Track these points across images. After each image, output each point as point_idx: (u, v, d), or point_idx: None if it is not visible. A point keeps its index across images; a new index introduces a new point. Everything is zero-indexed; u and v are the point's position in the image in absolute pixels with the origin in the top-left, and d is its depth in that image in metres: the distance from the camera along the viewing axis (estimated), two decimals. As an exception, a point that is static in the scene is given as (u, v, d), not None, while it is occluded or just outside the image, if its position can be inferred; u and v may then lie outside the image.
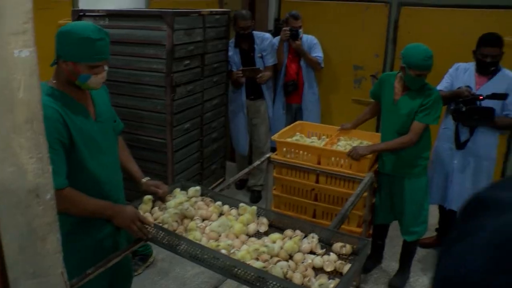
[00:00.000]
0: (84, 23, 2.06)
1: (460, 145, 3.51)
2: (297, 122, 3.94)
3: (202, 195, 2.45)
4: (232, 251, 1.96)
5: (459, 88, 3.42)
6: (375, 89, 3.41)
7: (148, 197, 2.28)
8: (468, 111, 3.30)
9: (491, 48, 3.33)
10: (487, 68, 3.39)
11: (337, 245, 2.04)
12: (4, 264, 1.08)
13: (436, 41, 4.35)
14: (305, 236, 2.10)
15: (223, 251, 1.94)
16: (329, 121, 4.90)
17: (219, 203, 2.35)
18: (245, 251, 1.93)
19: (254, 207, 2.28)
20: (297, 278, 1.80)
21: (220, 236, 2.11)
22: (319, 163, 3.26)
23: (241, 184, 5.04)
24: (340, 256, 2.01)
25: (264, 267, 1.83)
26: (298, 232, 2.12)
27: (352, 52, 5.11)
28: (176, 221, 2.16)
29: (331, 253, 2.00)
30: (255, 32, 4.57)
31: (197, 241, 2.00)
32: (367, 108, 3.69)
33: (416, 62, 2.95)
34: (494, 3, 4.38)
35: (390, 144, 3.14)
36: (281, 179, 3.45)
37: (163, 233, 2.02)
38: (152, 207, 2.29)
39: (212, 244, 2.01)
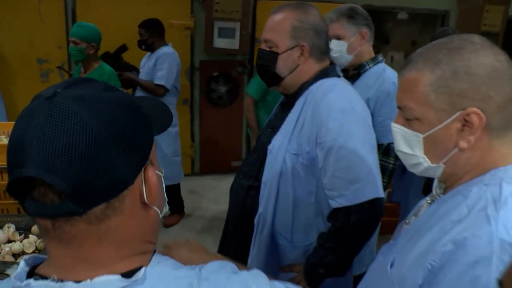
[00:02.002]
0: None
1: None
2: (-21, 123, 3.69)
3: None
4: None
5: None
6: None
7: None
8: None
9: (139, 29, 4.04)
10: (139, 45, 4.10)
11: (35, 228, 2.11)
12: None
13: (114, 27, 4.63)
14: (1, 228, 2.09)
15: None
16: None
17: None
18: None
19: None
20: (-5, 267, 1.81)
21: None
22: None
23: None
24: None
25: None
26: (-9, 226, 2.09)
27: (35, 45, 4.95)
28: None
29: (31, 236, 2.06)
30: None
31: None
32: None
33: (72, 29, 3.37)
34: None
35: None
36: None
37: None
38: None
39: None
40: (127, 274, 0.69)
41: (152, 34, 4.01)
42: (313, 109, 1.59)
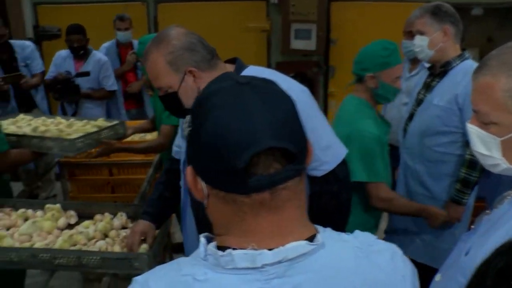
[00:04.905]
0: None
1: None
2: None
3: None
4: (49, 247, 2.03)
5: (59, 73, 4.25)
6: None
7: None
8: (61, 89, 4.23)
9: (75, 35, 4.28)
10: (77, 52, 4.34)
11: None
12: None
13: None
14: (115, 216, 2.30)
15: (39, 249, 2.00)
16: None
17: (21, 210, 2.35)
18: (61, 241, 2.02)
19: (58, 204, 2.36)
20: (117, 249, 2.01)
21: (32, 237, 2.13)
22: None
23: (33, 200, 4.84)
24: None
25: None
26: (107, 214, 2.30)
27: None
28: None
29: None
30: (13, 41, 4.43)
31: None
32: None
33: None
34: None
35: None
36: (75, 180, 3.52)
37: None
38: None
39: (25, 245, 2.05)
40: (309, 239, 0.78)
41: (87, 38, 4.36)
42: None
